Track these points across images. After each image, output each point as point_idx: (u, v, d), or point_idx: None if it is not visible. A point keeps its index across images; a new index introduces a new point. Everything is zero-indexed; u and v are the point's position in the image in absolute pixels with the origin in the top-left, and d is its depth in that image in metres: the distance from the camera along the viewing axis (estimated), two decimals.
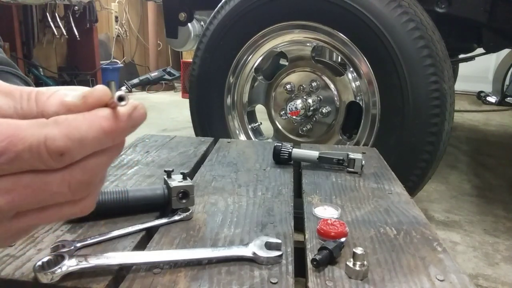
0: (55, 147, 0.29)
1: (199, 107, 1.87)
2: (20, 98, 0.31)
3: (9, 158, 0.29)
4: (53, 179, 0.30)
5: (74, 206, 0.33)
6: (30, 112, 0.30)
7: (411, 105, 1.47)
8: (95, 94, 0.31)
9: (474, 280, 1.40)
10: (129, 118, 0.31)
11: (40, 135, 0.29)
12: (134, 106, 0.31)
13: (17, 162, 0.29)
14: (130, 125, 0.31)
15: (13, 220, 0.32)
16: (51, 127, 0.29)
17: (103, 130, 0.30)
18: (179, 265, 0.55)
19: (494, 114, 4.17)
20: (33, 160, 0.29)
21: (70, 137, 0.29)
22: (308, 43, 1.71)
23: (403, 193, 0.84)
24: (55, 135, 0.29)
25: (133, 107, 0.31)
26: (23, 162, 0.29)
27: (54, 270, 0.48)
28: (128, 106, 0.31)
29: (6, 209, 0.30)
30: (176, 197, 0.68)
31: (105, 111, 0.30)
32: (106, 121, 0.30)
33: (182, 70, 4.42)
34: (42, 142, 0.29)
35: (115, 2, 4.91)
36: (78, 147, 0.30)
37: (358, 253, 0.53)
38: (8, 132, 0.28)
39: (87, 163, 0.31)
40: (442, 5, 1.66)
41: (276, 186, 0.85)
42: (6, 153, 0.28)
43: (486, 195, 2.16)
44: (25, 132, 0.29)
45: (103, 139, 0.30)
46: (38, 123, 0.29)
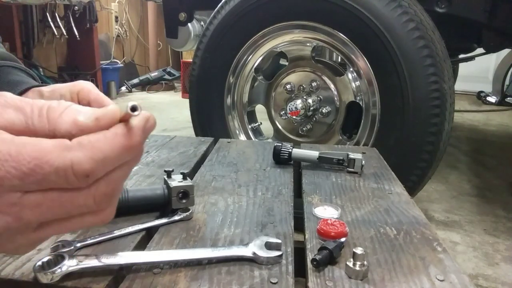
0: (82, 171, 0.30)
1: (199, 107, 1.87)
2: (31, 113, 0.31)
3: (36, 180, 0.30)
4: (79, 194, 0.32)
5: (96, 216, 0.34)
6: (42, 129, 0.31)
7: (411, 105, 1.47)
8: (108, 116, 0.32)
9: (474, 280, 1.40)
10: (144, 131, 0.33)
11: (66, 159, 0.30)
12: (146, 119, 0.33)
13: (43, 182, 0.30)
14: (144, 137, 0.33)
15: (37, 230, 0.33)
16: (76, 150, 0.30)
17: (124, 148, 0.32)
18: (179, 265, 0.55)
19: (494, 114, 4.17)
20: (59, 182, 0.30)
21: (95, 159, 0.30)
22: (308, 43, 1.71)
23: (403, 193, 0.84)
24: (81, 159, 0.30)
25: (145, 120, 0.33)
26: (49, 183, 0.30)
27: (54, 270, 0.48)
28: (141, 120, 0.32)
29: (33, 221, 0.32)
30: (176, 197, 0.68)
31: (122, 129, 0.32)
32: (125, 139, 0.32)
33: (182, 70, 4.42)
34: (69, 166, 0.30)
35: (115, 2, 4.91)
36: (102, 167, 0.31)
37: (358, 253, 0.53)
38: (32, 153, 0.29)
39: (110, 177, 0.33)
40: (442, 5, 1.66)
41: (276, 186, 0.85)
42: (33, 175, 0.29)
43: (486, 195, 2.16)
44: (51, 155, 0.29)
45: (124, 155, 0.32)
46: (63, 146, 0.30)
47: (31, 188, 0.30)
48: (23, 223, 0.31)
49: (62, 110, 0.32)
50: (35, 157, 0.29)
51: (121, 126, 0.32)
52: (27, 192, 0.30)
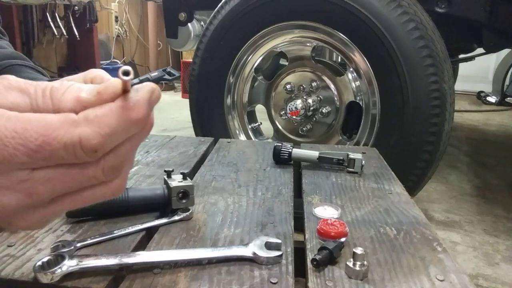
0: (90, 146, 0.30)
1: (199, 107, 1.87)
2: (35, 94, 0.31)
3: (44, 156, 0.30)
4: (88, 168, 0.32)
5: (107, 187, 0.35)
6: (46, 109, 0.31)
7: (411, 105, 1.47)
8: (109, 89, 0.32)
9: (474, 280, 1.40)
10: (149, 103, 0.32)
11: (74, 135, 0.30)
12: (151, 91, 0.33)
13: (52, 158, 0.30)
14: (151, 109, 0.33)
15: (50, 205, 0.33)
16: (83, 126, 0.30)
17: (131, 121, 0.31)
18: (179, 265, 0.55)
19: (494, 114, 4.17)
20: (68, 157, 0.30)
21: (102, 134, 0.30)
22: (308, 43, 1.71)
23: (403, 193, 0.84)
24: (89, 135, 0.30)
25: (150, 92, 0.33)
26: (58, 159, 0.30)
27: (54, 270, 0.48)
28: (146, 92, 0.32)
29: (45, 196, 0.32)
30: (176, 197, 0.68)
31: (128, 102, 0.31)
32: (131, 112, 0.31)
33: (182, 70, 4.41)
34: (77, 142, 0.30)
35: (115, 2, 4.91)
36: (110, 141, 0.31)
37: (358, 253, 0.53)
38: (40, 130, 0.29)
39: (118, 149, 0.33)
40: (442, 5, 1.66)
41: (276, 186, 0.85)
42: (40, 152, 0.29)
43: (486, 195, 2.16)
44: (58, 130, 0.29)
45: (131, 128, 0.32)
46: (70, 121, 0.30)
47: (40, 164, 0.30)
48: (34, 199, 0.31)
49: (65, 89, 0.32)
50: (42, 134, 0.29)
51: (125, 99, 0.31)
52: (36, 168, 0.30)
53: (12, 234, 0.61)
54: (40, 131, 0.29)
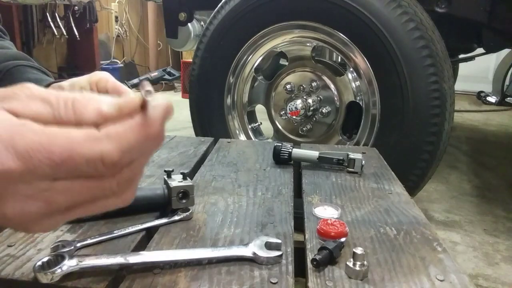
0: (111, 161, 0.32)
1: (199, 107, 1.87)
2: (57, 104, 0.33)
3: (67, 169, 0.32)
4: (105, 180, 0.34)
5: (118, 198, 0.37)
6: (68, 119, 0.33)
7: (411, 105, 1.47)
8: (130, 105, 0.34)
9: (474, 280, 1.40)
10: (164, 118, 0.34)
11: (96, 151, 0.32)
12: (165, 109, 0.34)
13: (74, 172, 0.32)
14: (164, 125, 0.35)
15: (65, 212, 0.35)
16: (105, 142, 0.32)
17: (147, 137, 0.34)
18: (179, 265, 0.55)
19: (494, 114, 4.17)
20: (89, 171, 0.32)
21: (122, 150, 0.32)
22: (308, 43, 1.71)
23: (403, 193, 0.84)
24: (110, 150, 0.32)
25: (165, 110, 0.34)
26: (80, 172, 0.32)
27: (54, 270, 0.48)
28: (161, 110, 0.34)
29: (62, 205, 0.34)
30: (176, 197, 0.68)
31: (145, 120, 0.33)
32: (149, 129, 0.33)
33: (182, 70, 4.41)
34: (99, 158, 0.32)
35: (115, 2, 4.91)
36: (128, 156, 0.33)
37: (358, 253, 0.53)
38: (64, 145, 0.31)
39: (133, 163, 0.35)
40: (442, 5, 1.66)
41: (276, 186, 0.85)
42: (64, 165, 0.31)
43: (486, 195, 2.16)
44: (82, 146, 0.31)
45: (147, 144, 0.34)
46: (92, 137, 0.32)
47: (61, 176, 0.32)
48: (53, 207, 0.33)
49: (87, 101, 0.33)
50: (67, 148, 0.31)
51: (144, 116, 0.33)
52: (57, 178, 0.32)
53: (12, 234, 0.61)
54: (65, 146, 0.31)
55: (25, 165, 0.30)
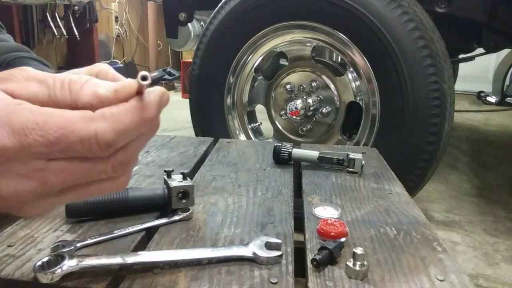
0: (105, 141, 0.32)
1: (199, 107, 1.87)
2: (53, 86, 0.33)
3: (61, 148, 0.32)
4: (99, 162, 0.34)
5: (113, 182, 0.37)
6: (64, 100, 0.33)
7: (411, 105, 1.47)
8: (126, 89, 0.34)
9: (474, 280, 1.40)
10: (159, 105, 0.35)
11: (91, 130, 0.32)
12: (161, 94, 0.35)
13: (69, 151, 0.32)
14: (160, 110, 0.36)
15: (60, 194, 0.35)
16: (100, 121, 0.32)
17: (142, 120, 0.34)
18: (179, 265, 0.55)
19: (494, 114, 4.17)
20: (83, 150, 0.32)
21: (117, 130, 0.32)
22: (308, 43, 1.71)
23: (403, 193, 0.84)
24: (104, 130, 0.32)
25: (161, 95, 0.35)
26: (73, 151, 0.32)
27: (54, 270, 0.48)
28: (157, 95, 0.35)
29: (56, 186, 0.34)
30: (176, 197, 0.68)
31: (141, 103, 0.34)
32: (144, 112, 0.34)
33: (182, 70, 4.41)
34: (93, 137, 0.32)
35: (115, 2, 4.91)
36: (123, 137, 0.33)
37: (358, 253, 0.53)
38: (59, 123, 0.31)
39: (128, 147, 0.35)
40: (442, 5, 1.66)
41: (276, 186, 0.85)
42: (58, 144, 0.31)
43: (486, 195, 2.16)
44: (76, 125, 0.31)
45: (142, 127, 0.34)
46: (87, 117, 0.32)
47: (55, 155, 0.32)
48: (47, 188, 0.33)
49: (83, 82, 0.34)
50: (61, 127, 0.31)
51: (139, 99, 0.34)
52: (51, 159, 0.32)
53: (12, 234, 0.61)
54: (60, 125, 0.31)
55: (20, 142, 0.31)
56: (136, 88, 0.34)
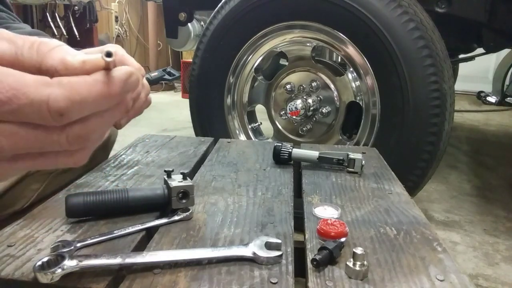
0: (57, 108, 0.31)
1: (199, 107, 1.87)
2: (22, 45, 0.32)
3: (11, 109, 0.30)
4: (52, 132, 0.33)
5: (69, 156, 0.36)
6: (29, 60, 0.32)
7: (411, 105, 1.47)
8: (94, 62, 0.33)
9: (474, 280, 1.40)
10: (125, 83, 0.34)
11: (44, 94, 0.31)
12: (129, 73, 0.34)
13: (19, 114, 0.31)
14: (125, 90, 0.35)
15: (11, 161, 0.34)
16: (55, 87, 0.31)
17: (101, 94, 0.33)
18: (179, 265, 0.55)
19: (494, 114, 4.17)
20: (34, 115, 0.31)
21: (71, 99, 0.31)
22: (308, 43, 1.71)
23: (403, 193, 0.84)
24: (57, 96, 0.31)
25: (127, 74, 0.34)
26: (24, 115, 0.31)
27: (54, 270, 0.48)
28: (123, 73, 0.34)
29: (7, 150, 0.32)
30: (176, 197, 0.68)
31: (103, 77, 0.33)
32: (105, 86, 0.33)
33: (182, 70, 4.42)
34: (45, 101, 0.31)
35: (115, 2, 4.91)
36: (78, 109, 0.32)
37: (358, 253, 0.53)
38: (13, 84, 0.30)
39: (86, 121, 0.34)
40: (442, 5, 1.66)
41: (276, 186, 0.85)
42: (8, 104, 0.30)
43: (486, 195, 2.16)
44: (29, 88, 0.30)
45: (101, 102, 0.33)
46: (43, 81, 0.31)
47: (7, 118, 0.31)
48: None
49: (53, 46, 0.33)
50: (14, 87, 0.30)
51: (102, 73, 0.33)
52: (2, 121, 0.31)
53: (12, 234, 0.61)
54: (12, 85, 0.30)
55: None
56: (104, 63, 0.33)
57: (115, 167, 0.94)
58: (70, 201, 0.64)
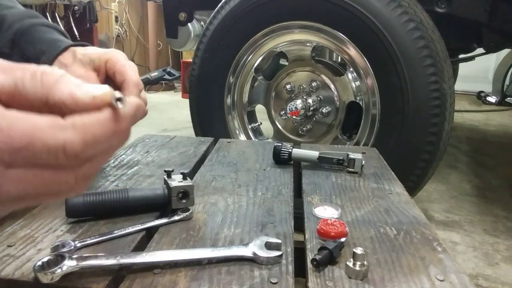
0: (73, 152, 0.30)
1: (199, 107, 1.87)
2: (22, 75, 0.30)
3: (26, 156, 0.29)
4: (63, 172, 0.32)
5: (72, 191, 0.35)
6: (34, 92, 0.30)
7: (411, 105, 1.47)
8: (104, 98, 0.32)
9: (474, 280, 1.40)
10: (134, 118, 0.34)
11: (59, 139, 0.30)
12: (137, 107, 0.34)
13: (33, 159, 0.30)
14: (133, 123, 0.34)
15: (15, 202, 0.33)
16: (70, 131, 0.30)
17: (114, 133, 0.32)
18: (179, 265, 0.55)
19: (494, 114, 4.17)
20: (48, 160, 0.30)
21: (87, 142, 0.31)
22: (308, 43, 1.71)
23: (403, 193, 0.84)
24: (74, 141, 0.30)
25: (135, 108, 0.34)
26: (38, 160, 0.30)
27: (54, 270, 0.48)
28: (132, 108, 0.33)
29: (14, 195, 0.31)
30: (176, 197, 0.68)
31: (114, 115, 0.32)
32: (116, 124, 0.32)
33: (182, 70, 4.41)
34: (61, 146, 0.30)
35: (115, 2, 4.91)
36: (92, 150, 0.32)
37: (358, 253, 0.53)
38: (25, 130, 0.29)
39: (95, 159, 0.33)
40: (442, 5, 1.66)
41: (276, 186, 0.85)
42: (23, 152, 0.29)
43: (486, 195, 2.16)
44: (44, 133, 0.29)
45: (113, 139, 0.33)
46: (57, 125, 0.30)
47: (17, 163, 0.30)
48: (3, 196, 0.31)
49: (57, 77, 0.31)
50: (27, 134, 0.29)
51: (113, 111, 0.32)
52: (11, 166, 0.30)
53: (12, 234, 0.61)
54: (25, 131, 0.29)
55: None
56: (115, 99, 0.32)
57: (115, 167, 0.94)
58: (70, 201, 0.64)
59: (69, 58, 0.63)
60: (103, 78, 0.61)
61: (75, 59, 0.61)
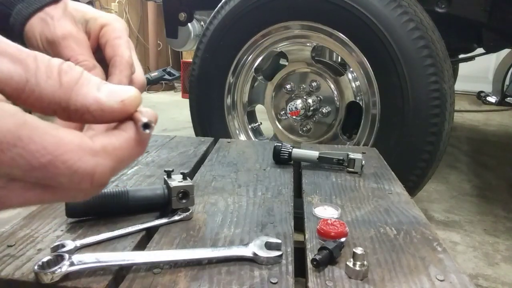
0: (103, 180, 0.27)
1: (199, 107, 1.87)
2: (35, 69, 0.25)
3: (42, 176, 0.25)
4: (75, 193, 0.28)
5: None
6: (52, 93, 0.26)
7: (411, 105, 1.47)
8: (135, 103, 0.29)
9: (474, 280, 1.40)
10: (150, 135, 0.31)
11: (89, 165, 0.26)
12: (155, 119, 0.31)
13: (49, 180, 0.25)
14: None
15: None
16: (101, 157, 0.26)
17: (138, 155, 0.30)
18: (179, 265, 0.55)
19: (494, 114, 4.17)
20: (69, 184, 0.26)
21: (116, 169, 0.28)
22: (308, 43, 1.71)
23: (403, 193, 0.84)
24: (105, 168, 0.27)
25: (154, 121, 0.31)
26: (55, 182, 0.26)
27: (54, 270, 0.48)
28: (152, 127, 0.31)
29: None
30: (176, 197, 0.68)
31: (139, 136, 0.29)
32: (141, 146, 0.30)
33: (182, 70, 4.41)
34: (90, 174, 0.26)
35: (115, 2, 4.91)
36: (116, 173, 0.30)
37: (358, 253, 0.53)
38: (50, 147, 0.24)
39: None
40: (442, 5, 1.66)
41: (276, 186, 0.85)
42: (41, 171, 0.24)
43: (486, 195, 2.16)
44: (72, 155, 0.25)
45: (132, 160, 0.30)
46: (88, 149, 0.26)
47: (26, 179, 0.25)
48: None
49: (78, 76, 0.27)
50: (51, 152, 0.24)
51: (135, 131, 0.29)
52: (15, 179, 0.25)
53: (12, 234, 0.61)
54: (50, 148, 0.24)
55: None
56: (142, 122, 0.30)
57: None
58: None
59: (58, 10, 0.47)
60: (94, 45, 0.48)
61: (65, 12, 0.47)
